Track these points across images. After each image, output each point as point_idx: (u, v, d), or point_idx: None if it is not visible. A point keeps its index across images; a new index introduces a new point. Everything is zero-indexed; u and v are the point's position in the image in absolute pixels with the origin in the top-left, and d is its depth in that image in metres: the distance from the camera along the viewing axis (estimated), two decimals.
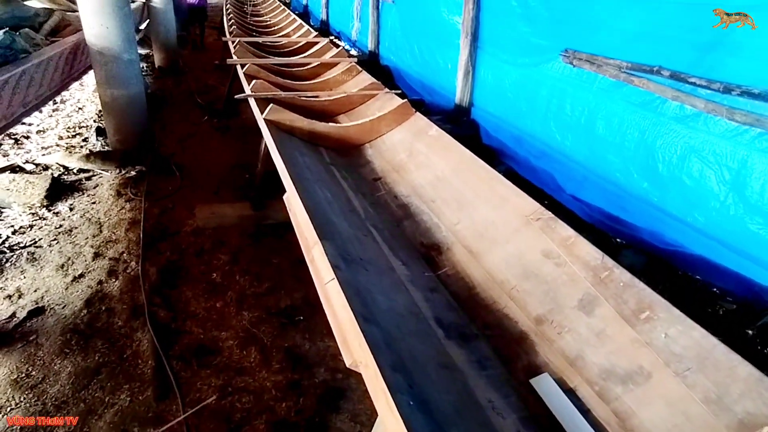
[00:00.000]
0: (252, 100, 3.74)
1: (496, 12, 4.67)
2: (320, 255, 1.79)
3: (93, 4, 3.94)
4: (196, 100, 6.19)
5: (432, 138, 3.28)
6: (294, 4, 14.79)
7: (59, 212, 3.53)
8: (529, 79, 4.34)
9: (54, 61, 3.75)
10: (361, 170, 3.30)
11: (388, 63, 7.56)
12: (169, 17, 7.27)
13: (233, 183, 4.14)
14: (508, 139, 4.69)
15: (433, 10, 5.71)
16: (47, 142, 4.66)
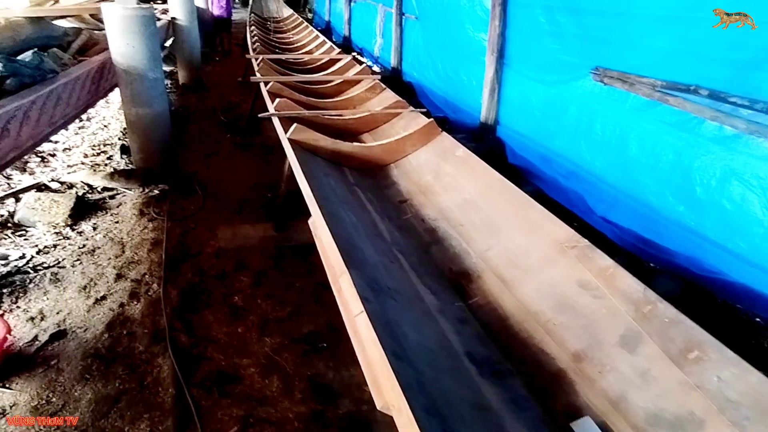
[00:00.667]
0: (275, 118, 3.73)
1: (523, 29, 4.63)
2: (348, 285, 1.74)
3: (119, 23, 4.00)
4: (220, 117, 6.25)
5: (459, 159, 3.22)
6: (316, 20, 14.98)
7: (83, 232, 3.55)
8: (558, 97, 4.27)
9: (81, 80, 3.81)
10: (387, 192, 3.25)
11: (410, 79, 7.56)
12: (193, 35, 7.39)
13: (255, 202, 4.13)
14: (535, 159, 4.61)
15: (457, 26, 5.69)
16: (72, 160, 4.73)
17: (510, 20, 4.80)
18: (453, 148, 3.37)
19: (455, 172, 3.14)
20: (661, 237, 3.37)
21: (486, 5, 5.07)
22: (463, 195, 2.90)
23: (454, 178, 3.09)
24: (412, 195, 3.15)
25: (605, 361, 1.72)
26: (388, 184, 3.37)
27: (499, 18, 4.83)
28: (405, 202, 3.08)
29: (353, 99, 5.05)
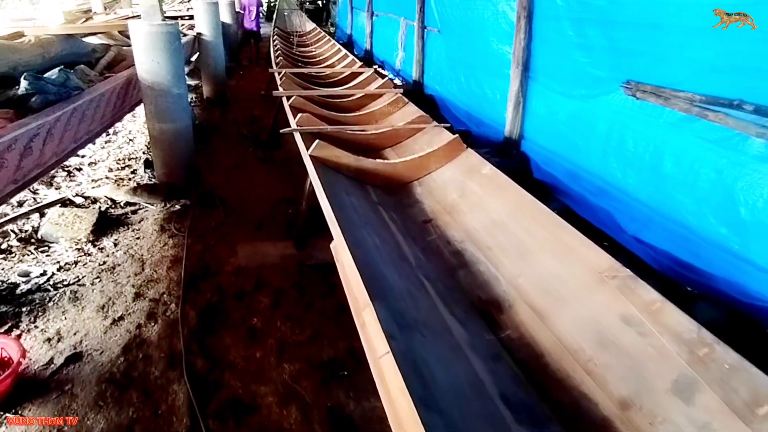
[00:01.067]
0: (297, 134, 3.61)
1: (549, 42, 4.44)
2: (372, 320, 1.58)
3: (145, 40, 3.94)
4: (242, 131, 6.17)
5: (485, 177, 3.04)
6: (338, 34, 14.97)
7: (104, 248, 3.46)
8: (586, 111, 4.07)
9: (106, 97, 3.74)
10: (410, 211, 3.09)
11: (432, 93, 7.41)
12: (218, 50, 7.37)
13: (276, 218, 4.00)
14: (562, 174, 4.40)
15: (481, 39, 5.53)
16: (98, 174, 4.68)
17: (535, 33, 4.62)
18: (479, 166, 3.19)
19: (481, 190, 2.96)
20: (700, 260, 3.13)
21: (511, 18, 4.90)
22: (491, 215, 2.71)
23: (480, 197, 2.91)
24: (437, 214, 2.98)
25: (657, 411, 1.51)
26: (412, 202, 3.20)
27: (524, 31, 4.65)
28: (429, 222, 2.91)
29: (375, 113, 4.91)
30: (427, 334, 1.79)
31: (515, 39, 4.75)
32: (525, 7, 4.58)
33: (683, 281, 3.25)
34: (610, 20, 3.64)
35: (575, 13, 3.99)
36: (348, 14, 13.46)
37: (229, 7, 10.41)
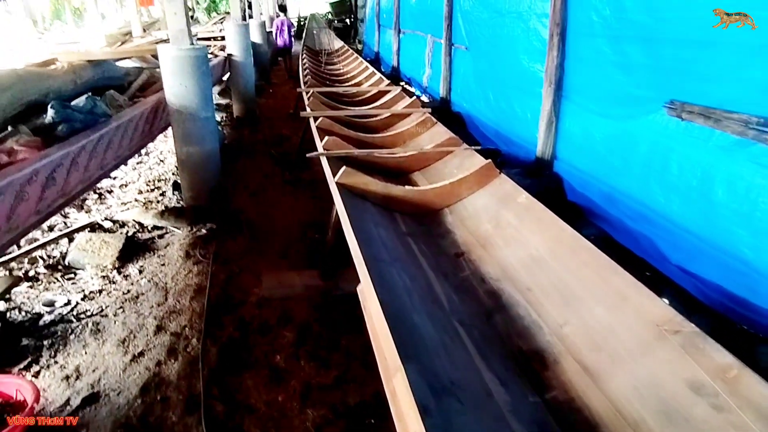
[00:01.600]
0: (324, 159, 3.42)
1: (584, 59, 4.15)
2: (405, 391, 1.34)
3: (173, 64, 3.82)
4: (270, 151, 6.04)
5: (522, 206, 2.78)
6: (366, 51, 14.87)
7: (129, 275, 3.32)
8: (625, 132, 3.76)
9: (134, 122, 3.63)
10: (441, 242, 2.85)
11: (460, 110, 7.17)
12: (248, 70, 7.29)
13: (302, 244, 3.81)
14: (598, 197, 4.10)
15: (511, 57, 5.27)
16: (127, 196, 4.59)
17: (569, 50, 4.34)
18: (514, 193, 2.93)
19: (518, 221, 2.70)
20: (758, 296, 2.80)
21: (542, 35, 4.64)
22: (529, 250, 2.45)
23: (516, 229, 2.65)
24: (470, 247, 2.73)
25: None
26: (443, 232, 2.96)
27: (557, 48, 4.38)
28: (462, 256, 2.66)
29: (404, 134, 4.69)
30: (465, 400, 1.55)
31: (547, 57, 4.48)
32: (558, 24, 4.32)
33: (737, 319, 2.91)
34: (652, 37, 3.35)
35: (613, 31, 3.71)
36: (375, 32, 13.35)
37: (259, 28, 10.41)
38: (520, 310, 2.15)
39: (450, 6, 7.24)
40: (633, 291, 1.92)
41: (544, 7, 4.57)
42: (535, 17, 4.71)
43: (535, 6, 4.72)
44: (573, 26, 4.24)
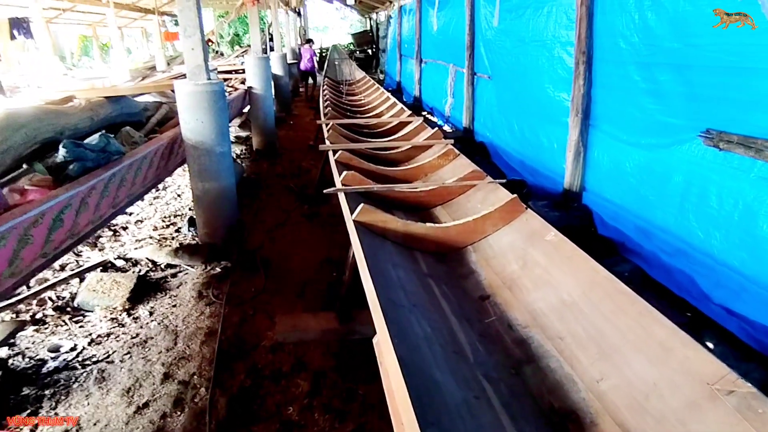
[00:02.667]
0: (341, 195, 3.36)
1: (612, 87, 4.06)
2: None
3: (189, 99, 3.86)
4: (289, 184, 6.04)
5: (551, 245, 2.65)
6: (387, 81, 15.07)
7: (138, 317, 3.28)
8: (657, 162, 3.63)
9: (149, 159, 3.66)
10: (464, 283, 2.73)
11: (483, 139, 7.11)
12: (268, 103, 7.40)
13: (319, 283, 3.73)
14: (631, 231, 3.93)
15: (535, 86, 5.21)
16: (142, 233, 4.60)
17: (596, 78, 4.26)
18: (542, 231, 2.81)
19: (547, 261, 2.57)
20: None
21: (568, 63, 4.57)
22: (560, 294, 2.32)
23: (545, 270, 2.52)
24: (495, 289, 2.60)
25: None
26: (466, 272, 2.84)
27: (583, 77, 4.30)
28: (487, 300, 2.54)
29: (425, 167, 4.63)
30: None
31: (574, 85, 4.40)
32: (584, 52, 4.25)
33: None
34: (686, 64, 3.25)
35: (643, 57, 3.62)
36: (397, 62, 13.54)
37: (280, 60, 10.64)
38: (552, 362, 2.00)
39: (472, 35, 7.27)
40: (678, 342, 1.76)
41: (568, 36, 4.52)
42: (560, 45, 4.66)
43: (559, 34, 4.67)
44: (599, 54, 4.17)
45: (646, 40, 3.55)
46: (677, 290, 3.39)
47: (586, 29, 4.20)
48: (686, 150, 3.36)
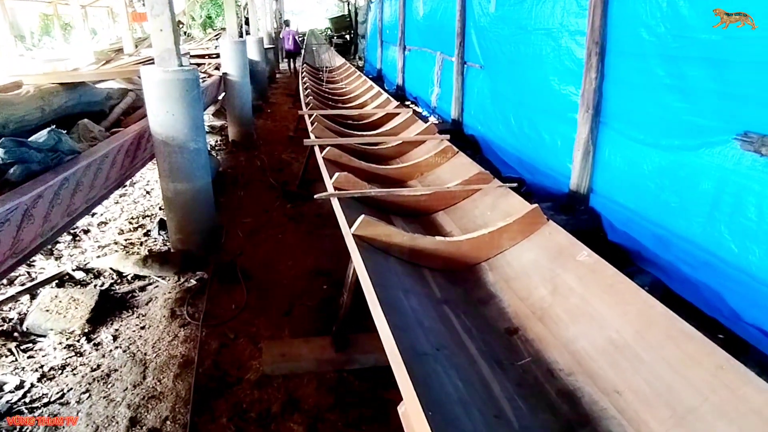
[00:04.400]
0: (336, 202, 2.92)
1: (629, 83, 3.69)
2: None
3: (158, 88, 3.34)
4: (269, 180, 5.54)
5: (585, 268, 2.27)
6: (367, 68, 14.51)
7: (100, 343, 2.79)
8: (682, 166, 3.29)
9: (111, 157, 3.13)
10: (485, 311, 2.33)
11: (474, 132, 6.71)
12: (244, 90, 6.84)
13: (309, 297, 3.29)
14: (647, 239, 3.60)
15: (537, 77, 4.82)
16: (106, 237, 4.06)
17: (610, 72, 3.89)
18: (571, 248, 2.43)
19: (583, 288, 2.19)
20: None
21: (577, 54, 4.19)
22: (606, 332, 1.94)
23: (583, 299, 2.14)
24: (523, 320, 2.22)
25: None
26: (484, 296, 2.45)
27: (595, 69, 3.92)
28: (516, 334, 2.15)
29: (420, 165, 4.21)
30: None
31: (584, 79, 4.02)
32: (597, 42, 3.87)
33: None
34: (723, 59, 2.89)
35: (670, 50, 3.25)
36: (377, 48, 12.99)
37: (257, 44, 10.00)
38: (612, 425, 1.62)
39: (462, 22, 6.83)
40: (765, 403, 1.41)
41: (578, 24, 4.13)
42: (568, 35, 4.27)
43: (567, 22, 4.28)
44: (614, 45, 3.79)
45: (675, 30, 3.17)
46: (706, 309, 3.08)
47: (601, 17, 3.81)
48: (718, 154, 3.02)
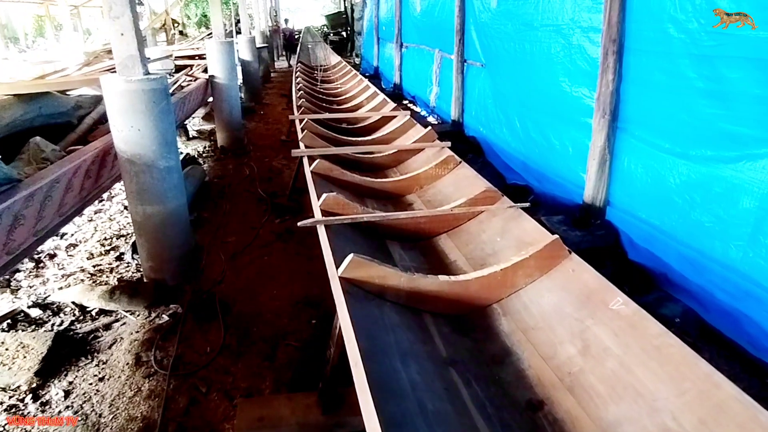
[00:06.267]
0: (322, 231, 2.48)
1: (653, 85, 3.23)
2: None
3: (121, 100, 2.89)
4: (258, 191, 5.09)
5: (623, 320, 1.82)
6: (364, 65, 13.99)
7: (49, 402, 2.35)
8: (717, 180, 2.84)
9: (64, 182, 2.69)
10: (502, 373, 1.89)
11: (475, 134, 6.25)
12: (233, 94, 6.36)
13: (294, 334, 2.85)
14: (675, 260, 3.16)
15: (545, 78, 4.35)
16: (74, 263, 3.61)
17: (629, 73, 3.43)
18: (602, 292, 1.98)
19: (621, 348, 1.74)
20: None
21: (590, 53, 3.73)
22: (660, 416, 1.50)
23: (621, 363, 1.70)
24: (549, 389, 1.77)
25: None
26: (499, 351, 2.01)
27: (612, 70, 3.46)
28: (540, 410, 1.71)
29: (420, 177, 3.76)
30: None
31: (600, 81, 3.56)
32: (614, 40, 3.40)
33: None
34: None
35: (704, 49, 2.79)
36: (374, 45, 12.47)
37: (249, 44, 9.51)
38: None
39: (462, 18, 6.34)
40: None
41: (592, 20, 3.67)
42: (580, 31, 3.80)
43: (579, 18, 3.81)
44: (635, 43, 3.32)
45: (712, 26, 2.71)
46: (750, 348, 2.64)
47: (618, 12, 3.35)
48: (762, 168, 2.57)
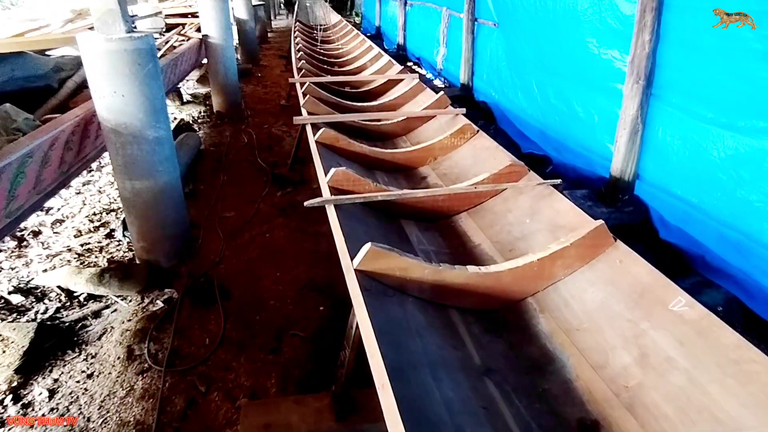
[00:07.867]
0: (332, 211, 2.19)
1: (696, 47, 2.88)
2: None
3: (102, 62, 2.54)
4: (257, 160, 4.75)
5: (686, 326, 1.56)
6: (365, 25, 13.36)
7: (31, 403, 2.11)
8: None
9: (39, 156, 2.37)
10: (545, 384, 1.64)
11: (486, 99, 5.88)
12: (228, 54, 5.92)
13: (301, 323, 2.60)
14: (714, 242, 2.89)
15: (569, 38, 3.97)
16: (60, 241, 3.32)
17: (669, 33, 3.07)
18: (659, 289, 1.71)
19: (688, 361, 1.48)
20: None
21: (623, 10, 3.35)
22: None
23: (690, 378, 1.44)
24: (603, 406, 1.52)
25: None
26: (539, 356, 1.75)
27: (650, 30, 3.10)
28: (597, 430, 1.46)
29: (434, 148, 3.44)
30: None
31: (635, 42, 3.19)
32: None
33: None
34: None
35: (765, 4, 2.44)
36: (376, 4, 11.84)
37: (245, 1, 8.93)
38: None
39: None
40: None
41: None
42: None
43: None
44: None
45: None
46: None
47: None
48: None
